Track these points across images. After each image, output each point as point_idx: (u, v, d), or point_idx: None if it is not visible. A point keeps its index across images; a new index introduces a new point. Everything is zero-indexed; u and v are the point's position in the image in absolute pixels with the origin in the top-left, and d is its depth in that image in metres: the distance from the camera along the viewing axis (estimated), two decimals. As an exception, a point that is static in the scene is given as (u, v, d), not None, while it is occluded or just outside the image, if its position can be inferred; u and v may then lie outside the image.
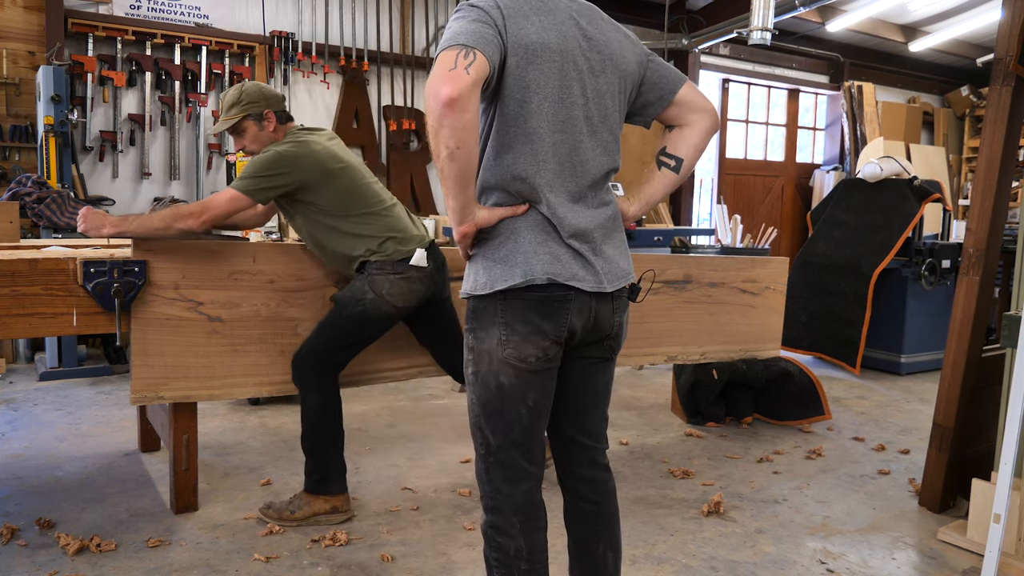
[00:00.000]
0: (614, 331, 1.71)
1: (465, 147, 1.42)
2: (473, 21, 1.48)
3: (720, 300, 3.70)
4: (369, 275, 2.67)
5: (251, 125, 2.72)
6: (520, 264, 1.56)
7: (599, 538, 1.77)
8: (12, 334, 2.57)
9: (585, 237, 1.61)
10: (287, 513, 2.72)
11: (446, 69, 1.39)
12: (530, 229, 1.58)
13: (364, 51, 6.53)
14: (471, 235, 1.59)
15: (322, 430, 2.72)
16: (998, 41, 2.82)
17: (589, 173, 1.63)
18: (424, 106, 1.44)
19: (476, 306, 1.63)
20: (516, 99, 1.54)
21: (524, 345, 1.58)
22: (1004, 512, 2.06)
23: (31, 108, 5.39)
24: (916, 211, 5.39)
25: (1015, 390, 2.06)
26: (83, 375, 4.83)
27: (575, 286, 1.58)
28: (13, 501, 2.89)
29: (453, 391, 4.72)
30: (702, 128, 1.76)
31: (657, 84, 1.73)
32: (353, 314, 2.67)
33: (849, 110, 9.25)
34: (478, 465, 1.68)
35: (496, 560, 1.66)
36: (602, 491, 1.78)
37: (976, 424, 3.04)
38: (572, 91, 1.59)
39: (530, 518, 1.66)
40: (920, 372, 5.57)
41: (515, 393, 1.60)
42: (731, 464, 3.53)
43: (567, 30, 1.59)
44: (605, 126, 1.65)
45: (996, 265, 2.96)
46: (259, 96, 2.71)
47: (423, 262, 2.71)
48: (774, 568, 2.52)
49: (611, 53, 1.64)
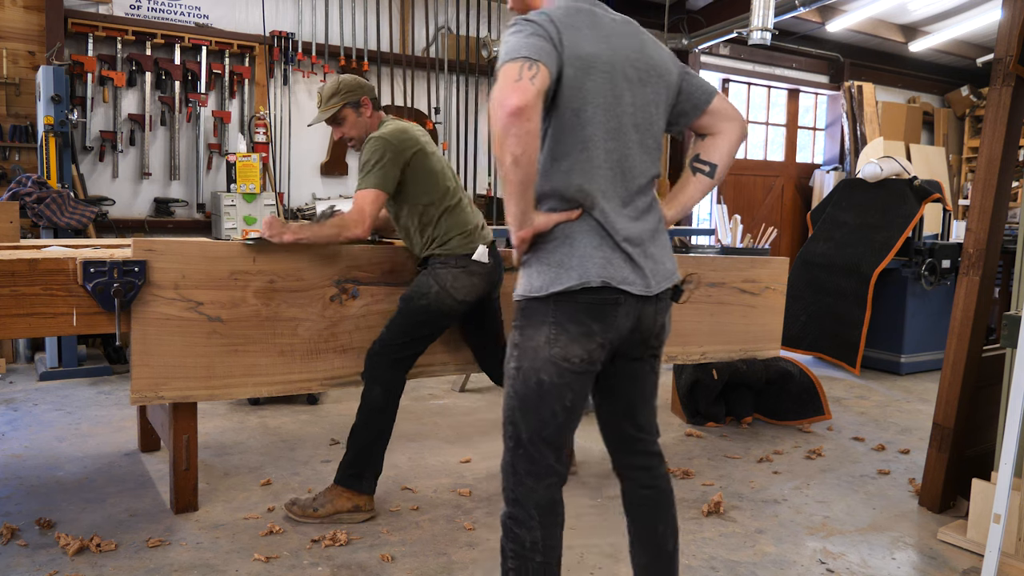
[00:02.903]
0: (656, 331, 1.78)
1: (528, 154, 1.51)
2: (531, 35, 1.56)
3: (720, 300, 3.70)
4: (433, 269, 2.80)
5: (350, 113, 2.87)
6: (575, 267, 1.64)
7: (658, 520, 1.87)
8: (12, 334, 2.57)
9: (635, 241, 1.70)
10: (311, 511, 2.74)
11: (512, 80, 1.48)
12: (584, 234, 1.66)
13: (364, 51, 6.53)
14: (528, 240, 1.67)
15: (375, 426, 2.78)
16: (998, 41, 2.82)
17: (637, 179, 1.73)
18: (489, 116, 1.52)
19: (528, 306, 1.70)
20: (572, 108, 1.63)
21: (572, 346, 1.65)
22: (1004, 512, 2.06)
23: (31, 108, 5.39)
24: (916, 211, 5.39)
25: (1015, 390, 2.06)
26: (83, 375, 4.82)
27: (626, 289, 1.66)
28: (13, 501, 2.88)
29: (453, 391, 4.72)
30: (733, 136, 1.87)
31: (692, 95, 1.84)
32: (419, 307, 2.78)
33: (849, 110, 9.25)
34: (505, 457, 1.74)
35: (512, 551, 1.72)
36: (657, 475, 1.88)
37: (976, 424, 3.04)
38: (623, 100, 1.68)
39: (550, 513, 1.72)
40: (920, 372, 5.57)
41: (554, 392, 1.67)
42: (731, 464, 3.53)
43: (615, 42, 1.69)
44: (650, 134, 1.75)
45: (996, 265, 2.96)
46: (356, 85, 2.87)
47: (485, 258, 2.84)
48: (774, 568, 2.52)
49: (655, 64, 1.75)
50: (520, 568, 1.70)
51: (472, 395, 4.64)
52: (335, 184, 6.63)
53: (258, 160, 5.72)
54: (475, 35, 7.05)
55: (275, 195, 5.86)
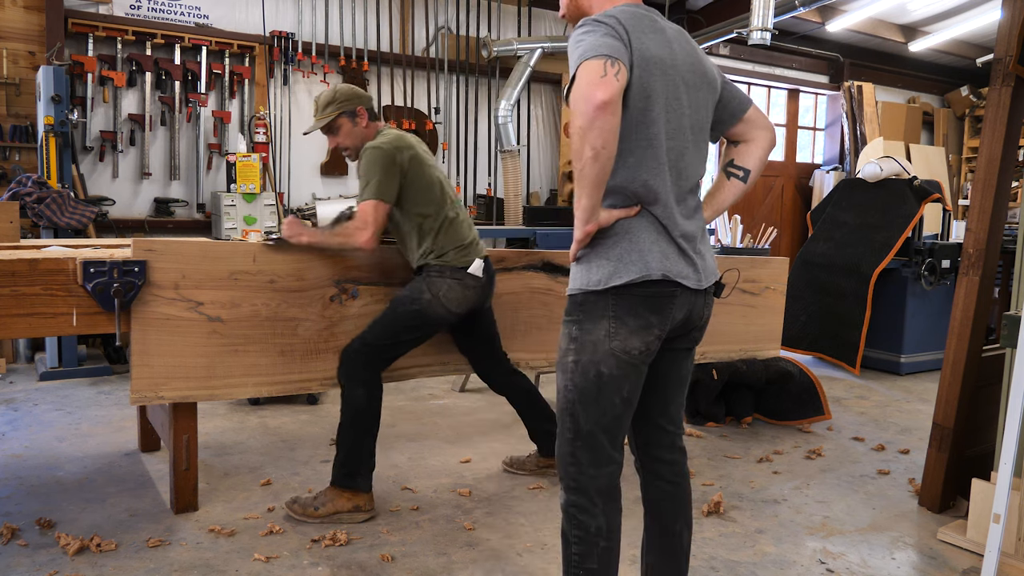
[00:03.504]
0: (702, 323, 1.87)
1: (609, 148, 1.56)
2: (605, 35, 1.61)
3: (720, 300, 3.68)
4: (428, 276, 2.80)
5: (345, 122, 2.87)
6: (636, 262, 1.69)
7: (677, 516, 1.92)
8: (12, 334, 2.57)
9: (689, 237, 1.77)
10: (311, 510, 2.75)
11: (597, 76, 1.53)
12: (644, 229, 1.72)
13: (364, 51, 6.53)
14: (592, 234, 1.70)
15: (361, 425, 2.77)
16: (998, 41, 2.82)
17: (690, 178, 1.80)
18: (572, 110, 1.56)
19: (585, 300, 1.73)
20: (639, 107, 1.68)
21: (632, 338, 1.71)
22: (1004, 512, 2.06)
23: (31, 108, 5.39)
24: (916, 211, 5.39)
25: (1015, 390, 2.06)
26: (83, 375, 4.82)
27: (682, 282, 1.73)
28: (13, 501, 2.89)
29: (453, 391, 4.72)
30: (765, 143, 1.95)
31: (730, 104, 1.92)
32: (409, 312, 2.79)
33: (849, 110, 9.25)
34: (562, 448, 1.78)
35: (576, 537, 1.76)
36: (681, 473, 1.94)
37: (976, 424, 3.04)
38: (682, 102, 1.75)
39: (610, 499, 1.77)
40: (920, 372, 5.57)
41: (613, 383, 1.72)
42: (731, 464, 3.53)
43: (675, 47, 1.76)
44: (702, 136, 1.84)
45: (996, 265, 2.96)
46: (352, 95, 2.88)
47: (479, 272, 2.86)
48: (774, 568, 2.52)
49: (704, 71, 1.83)
50: (586, 553, 1.75)
51: (472, 395, 4.64)
52: (335, 184, 6.63)
53: (258, 160, 5.72)
54: (475, 35, 7.05)
55: (275, 195, 5.86)
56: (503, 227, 6.74)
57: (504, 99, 6.77)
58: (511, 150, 6.82)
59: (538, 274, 3.35)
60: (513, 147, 6.83)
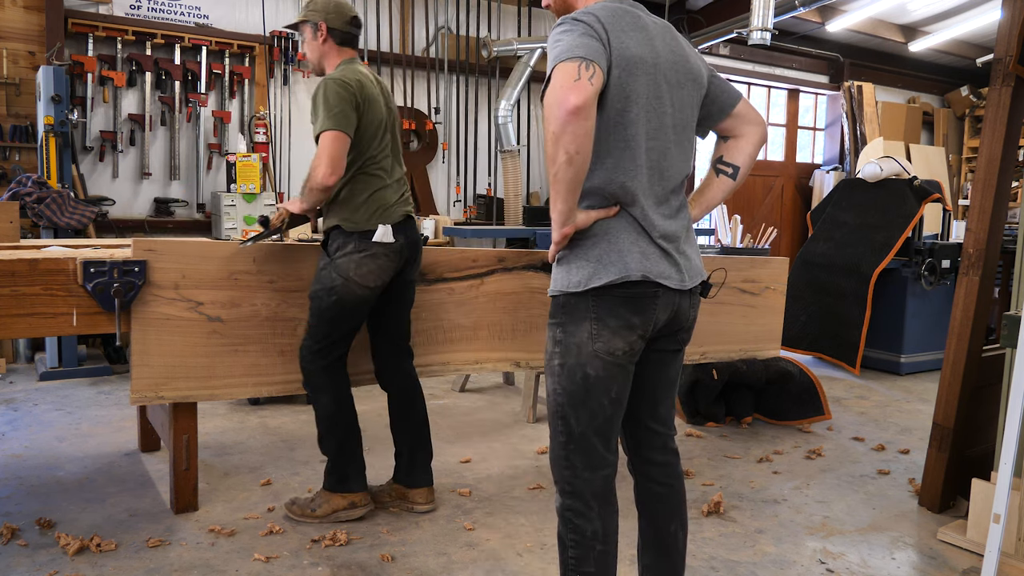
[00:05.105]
0: (688, 324, 1.85)
1: (583, 153, 1.54)
2: (583, 35, 1.59)
3: (720, 300, 3.70)
4: (333, 260, 2.64)
5: (307, 30, 2.74)
6: (615, 262, 1.67)
7: (672, 518, 1.90)
8: (12, 334, 2.57)
9: (670, 238, 1.74)
10: (309, 511, 2.74)
11: (570, 79, 1.52)
12: (623, 230, 1.70)
13: (364, 51, 6.53)
14: (569, 236, 1.69)
15: (338, 430, 2.73)
16: (998, 41, 2.82)
17: (673, 178, 1.77)
18: (545, 115, 1.55)
19: (566, 302, 1.72)
20: (617, 108, 1.66)
21: (614, 339, 1.69)
22: (1004, 512, 2.06)
23: (31, 108, 5.39)
24: (916, 211, 5.39)
25: (1015, 390, 2.06)
26: (83, 375, 4.82)
27: (663, 283, 1.70)
28: (13, 501, 2.88)
29: (453, 391, 4.72)
30: (755, 139, 1.91)
31: (718, 98, 1.88)
32: (329, 304, 2.64)
33: (849, 110, 9.25)
34: (556, 452, 1.76)
35: (573, 541, 1.75)
36: (674, 474, 1.91)
37: (976, 424, 3.04)
38: (663, 101, 1.72)
39: (606, 502, 1.76)
40: (920, 372, 5.57)
41: (600, 385, 1.70)
42: (731, 464, 3.53)
43: (657, 45, 1.73)
44: (685, 134, 1.80)
45: (996, 265, 2.96)
46: (325, 7, 2.71)
47: (388, 238, 2.65)
48: (774, 568, 2.52)
49: (690, 68, 1.79)
50: (582, 557, 1.74)
51: (472, 395, 4.64)
52: (335, 184, 6.62)
53: (258, 160, 5.72)
54: (475, 35, 7.05)
55: (275, 195, 5.86)
56: (503, 227, 6.74)
57: (504, 99, 6.78)
58: (511, 150, 6.82)
59: (538, 274, 3.35)
60: (513, 147, 6.83)
